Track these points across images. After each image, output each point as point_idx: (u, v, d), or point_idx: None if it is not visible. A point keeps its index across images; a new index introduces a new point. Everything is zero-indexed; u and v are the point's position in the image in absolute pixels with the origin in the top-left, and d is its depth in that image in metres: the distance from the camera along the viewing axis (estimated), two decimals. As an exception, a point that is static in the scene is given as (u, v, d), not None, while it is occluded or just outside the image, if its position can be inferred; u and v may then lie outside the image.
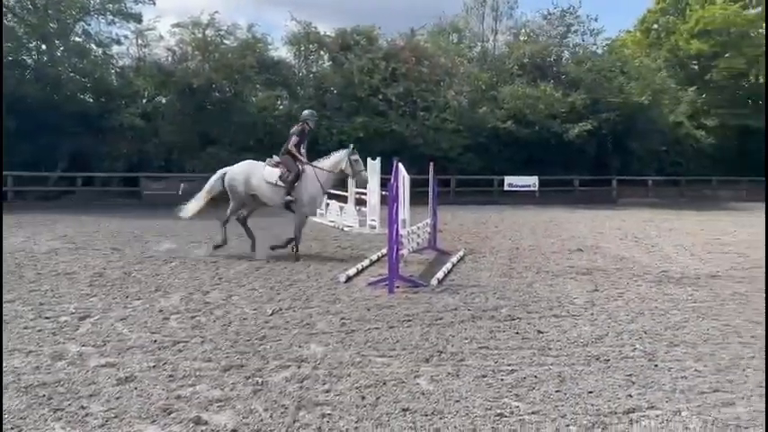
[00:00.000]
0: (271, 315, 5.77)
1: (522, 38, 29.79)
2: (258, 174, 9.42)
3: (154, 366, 4.28)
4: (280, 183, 9.26)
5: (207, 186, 9.72)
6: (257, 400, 3.73)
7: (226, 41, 24.23)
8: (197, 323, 5.46)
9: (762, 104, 32.01)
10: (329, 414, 3.53)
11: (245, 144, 22.95)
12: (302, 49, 25.91)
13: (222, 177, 9.58)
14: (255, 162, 9.73)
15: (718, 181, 29.43)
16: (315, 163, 9.52)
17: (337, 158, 9.50)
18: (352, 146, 9.69)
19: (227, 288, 7.00)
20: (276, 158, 9.52)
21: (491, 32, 31.04)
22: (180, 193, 10.48)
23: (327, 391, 3.86)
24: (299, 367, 4.30)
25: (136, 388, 3.88)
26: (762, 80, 33.09)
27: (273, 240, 9.32)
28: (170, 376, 4.09)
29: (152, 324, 5.41)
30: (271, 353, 4.62)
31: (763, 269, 8.42)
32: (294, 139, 9.40)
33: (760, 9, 32.53)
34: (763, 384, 4.06)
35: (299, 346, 4.79)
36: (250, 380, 4.05)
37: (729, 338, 5.20)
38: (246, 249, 9.47)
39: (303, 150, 9.56)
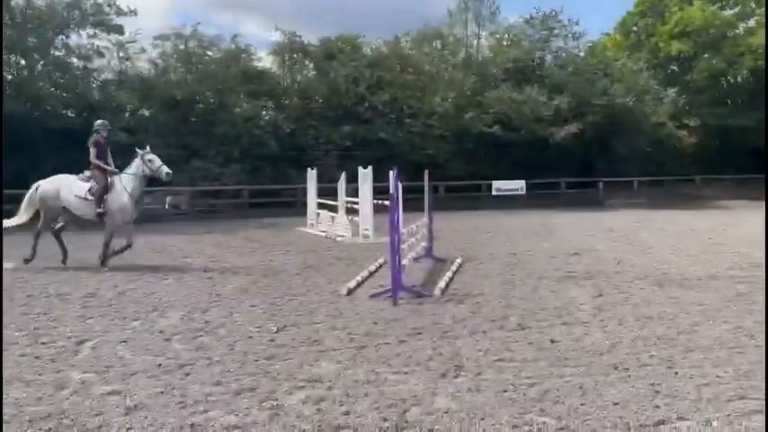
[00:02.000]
0: None
1: (505, 42, 29.99)
2: (68, 187, 9.55)
3: None
4: (89, 196, 9.41)
5: (25, 199, 9.82)
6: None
7: (209, 53, 24.07)
8: None
9: (741, 103, 32.58)
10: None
11: (229, 155, 22.74)
12: (286, 58, 25.82)
13: (36, 189, 9.67)
14: (68, 175, 9.83)
15: (701, 180, 29.82)
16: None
17: (137, 164, 9.79)
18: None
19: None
20: (88, 173, 9.66)
21: (474, 37, 31.23)
22: (167, 207, 10.41)
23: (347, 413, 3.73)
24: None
25: None
26: (740, 80, 33.69)
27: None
28: None
29: None
30: None
31: (763, 268, 8.44)
32: (93, 151, 9.60)
33: (737, 9, 33.15)
34: None
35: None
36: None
37: (743, 341, 5.16)
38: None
39: (109, 160, 9.83)
